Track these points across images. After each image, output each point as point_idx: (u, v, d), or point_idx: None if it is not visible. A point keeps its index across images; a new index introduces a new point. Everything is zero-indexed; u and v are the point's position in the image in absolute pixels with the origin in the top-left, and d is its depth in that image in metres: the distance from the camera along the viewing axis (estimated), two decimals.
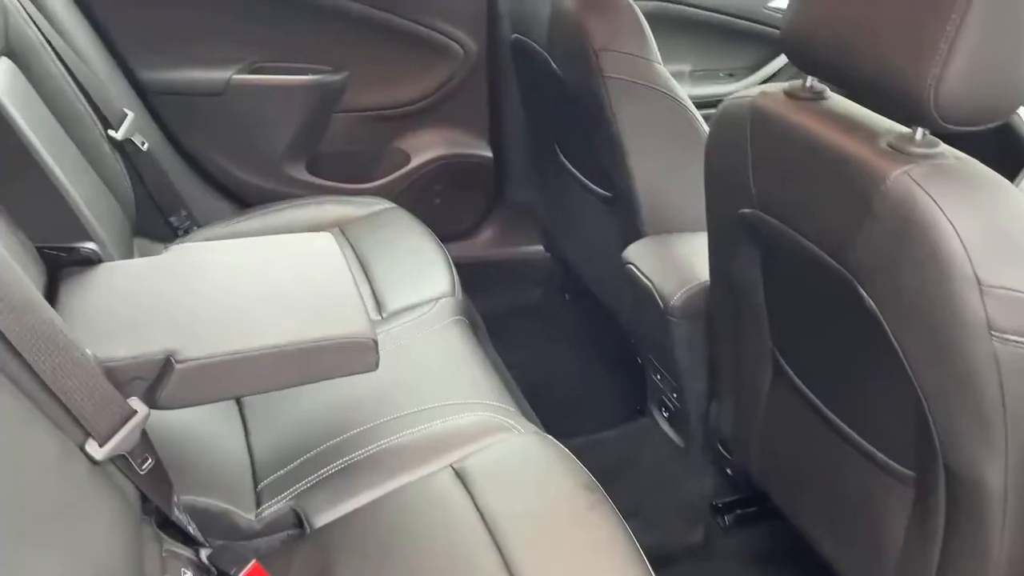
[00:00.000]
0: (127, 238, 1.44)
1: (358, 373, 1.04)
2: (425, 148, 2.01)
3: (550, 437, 1.16)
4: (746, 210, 1.02)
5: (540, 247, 2.09)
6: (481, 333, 1.57)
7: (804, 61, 0.92)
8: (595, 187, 1.62)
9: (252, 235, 1.58)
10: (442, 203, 2.05)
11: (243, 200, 1.88)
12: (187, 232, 1.67)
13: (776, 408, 1.19)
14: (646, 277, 1.35)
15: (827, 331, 1.03)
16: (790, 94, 0.96)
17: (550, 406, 1.58)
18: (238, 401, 1.22)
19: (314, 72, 1.86)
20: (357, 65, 1.89)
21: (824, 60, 0.88)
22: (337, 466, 1.11)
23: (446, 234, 1.74)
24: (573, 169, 1.69)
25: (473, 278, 1.65)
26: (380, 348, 1.03)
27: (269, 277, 1.12)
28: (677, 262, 1.36)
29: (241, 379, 0.98)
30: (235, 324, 1.02)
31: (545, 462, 1.09)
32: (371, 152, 1.99)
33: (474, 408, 1.19)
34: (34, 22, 1.36)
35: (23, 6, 1.34)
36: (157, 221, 1.64)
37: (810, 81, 0.95)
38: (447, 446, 1.12)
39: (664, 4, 2.12)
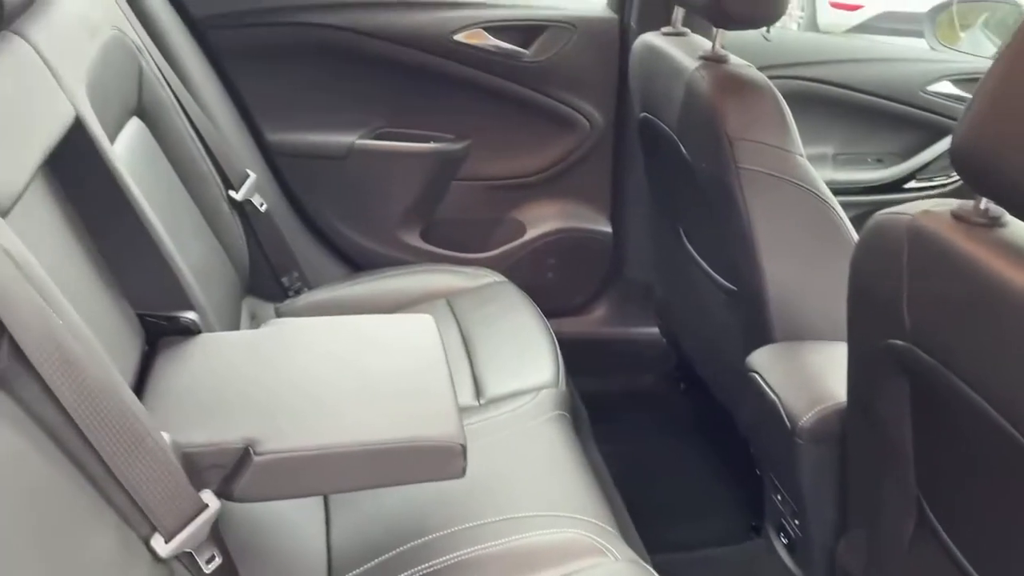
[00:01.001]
0: (236, 299, 1.44)
1: (443, 479, 0.97)
2: (542, 220, 1.96)
3: (648, 568, 1.04)
4: (897, 342, 0.89)
5: (655, 329, 1.97)
6: (583, 427, 1.47)
7: (979, 180, 0.79)
8: (720, 278, 1.50)
9: (360, 300, 1.58)
10: (555, 277, 1.98)
11: (355, 263, 1.88)
12: (297, 293, 1.66)
13: (918, 561, 1.02)
14: (772, 390, 1.21)
15: (989, 493, 0.87)
16: (959, 216, 0.82)
17: (653, 508, 1.45)
18: None
19: (436, 140, 1.85)
20: (480, 134, 1.86)
21: (1005, 181, 0.75)
22: (415, 573, 1.03)
23: (556, 309, 1.66)
24: (697, 256, 1.58)
25: (581, 357, 1.56)
26: (474, 439, 0.98)
27: (362, 363, 1.07)
28: (810, 376, 1.22)
29: (320, 478, 0.95)
30: (321, 415, 0.98)
31: None
32: (487, 221, 1.95)
33: (568, 523, 1.09)
34: (167, 80, 1.38)
35: (157, 65, 1.37)
36: (269, 281, 1.64)
37: (984, 203, 0.81)
38: (534, 565, 1.03)
39: (808, 83, 1.99)
